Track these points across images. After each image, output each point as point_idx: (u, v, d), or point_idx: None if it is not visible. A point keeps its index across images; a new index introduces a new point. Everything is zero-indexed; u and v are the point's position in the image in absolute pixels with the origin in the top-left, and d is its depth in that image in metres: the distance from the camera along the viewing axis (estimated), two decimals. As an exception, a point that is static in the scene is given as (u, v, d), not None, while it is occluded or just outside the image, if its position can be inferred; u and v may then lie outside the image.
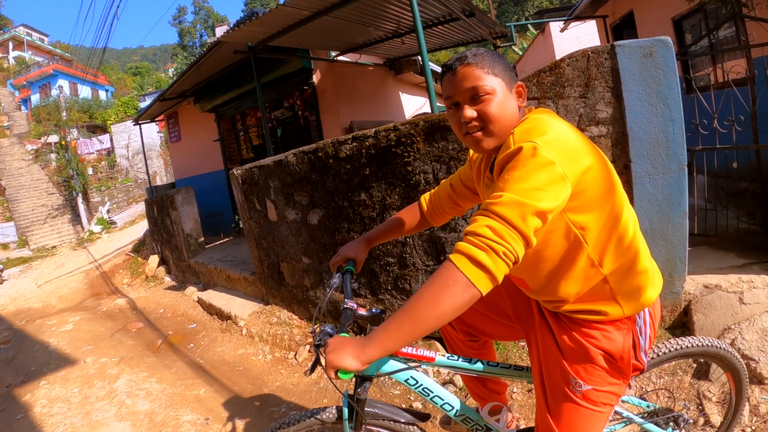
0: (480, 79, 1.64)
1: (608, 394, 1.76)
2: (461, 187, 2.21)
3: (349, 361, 1.46)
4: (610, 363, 1.73)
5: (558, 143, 1.46)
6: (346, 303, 2.00)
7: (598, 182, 1.56)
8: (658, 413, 2.34)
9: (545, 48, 17.97)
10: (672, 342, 2.19)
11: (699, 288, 3.61)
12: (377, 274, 4.61)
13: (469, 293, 1.37)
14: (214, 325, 6.90)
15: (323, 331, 1.76)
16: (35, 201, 26.94)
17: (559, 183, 1.42)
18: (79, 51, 55.97)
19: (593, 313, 1.73)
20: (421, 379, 1.99)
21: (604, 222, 1.62)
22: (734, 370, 2.31)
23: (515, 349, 4.02)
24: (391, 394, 4.12)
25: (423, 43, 5.83)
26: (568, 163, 1.45)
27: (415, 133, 3.98)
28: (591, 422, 1.77)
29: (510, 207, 1.38)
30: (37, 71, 44.45)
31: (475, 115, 1.66)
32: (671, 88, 3.23)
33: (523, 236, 1.39)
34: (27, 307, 11.22)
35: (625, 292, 1.71)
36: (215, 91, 11.97)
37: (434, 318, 1.38)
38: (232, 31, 7.32)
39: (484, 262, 1.35)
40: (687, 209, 3.37)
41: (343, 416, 1.98)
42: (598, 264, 1.66)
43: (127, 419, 4.48)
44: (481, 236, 1.38)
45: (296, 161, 5.11)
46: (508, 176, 1.44)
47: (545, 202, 1.39)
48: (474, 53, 1.67)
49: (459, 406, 2.06)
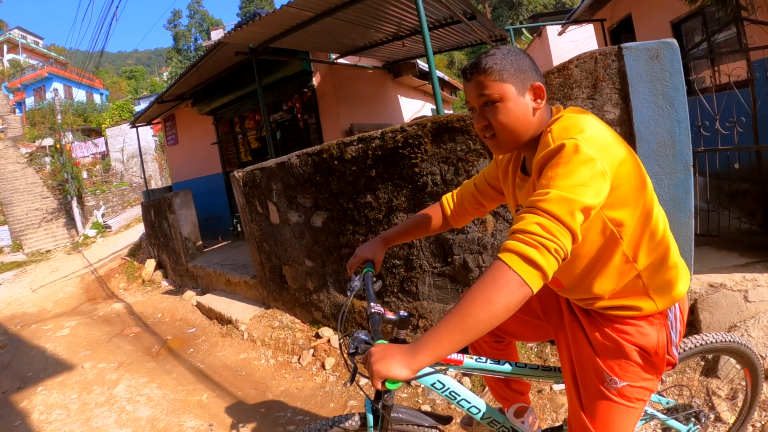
0: (487, 87, 1.66)
1: (642, 390, 1.76)
2: (486, 187, 2.22)
3: (399, 369, 1.40)
4: (645, 358, 1.74)
5: (596, 140, 1.48)
6: (372, 307, 1.93)
7: (632, 178, 1.58)
8: (678, 409, 2.35)
9: (542, 51, 18.04)
10: (697, 337, 2.22)
11: (704, 287, 3.64)
12: (383, 277, 4.60)
13: (522, 292, 1.35)
14: (214, 330, 6.88)
15: (357, 338, 1.74)
16: (29, 205, 26.83)
17: (600, 179, 1.43)
18: (74, 54, 55.92)
19: (626, 308, 1.74)
20: (448, 383, 1.98)
21: (638, 217, 1.62)
22: (752, 365, 2.35)
23: (523, 350, 4.02)
24: (399, 396, 4.12)
25: (429, 45, 5.84)
26: (606, 158, 1.47)
27: (422, 134, 3.98)
28: (626, 418, 1.77)
29: (558, 203, 1.38)
30: (31, 74, 44.36)
31: (485, 123, 1.71)
32: (677, 90, 3.24)
33: (571, 232, 1.39)
34: (22, 312, 11.16)
35: (658, 286, 1.72)
36: (213, 94, 11.97)
37: (487, 319, 1.35)
38: (234, 32, 7.33)
39: (536, 260, 1.35)
40: (692, 209, 3.39)
41: (368, 423, 1.96)
42: (632, 259, 1.67)
43: (128, 426, 4.45)
44: (532, 233, 1.37)
45: (300, 163, 5.11)
46: (552, 173, 1.45)
47: (590, 198, 1.40)
48: (486, 58, 1.68)
49: (485, 408, 2.06)
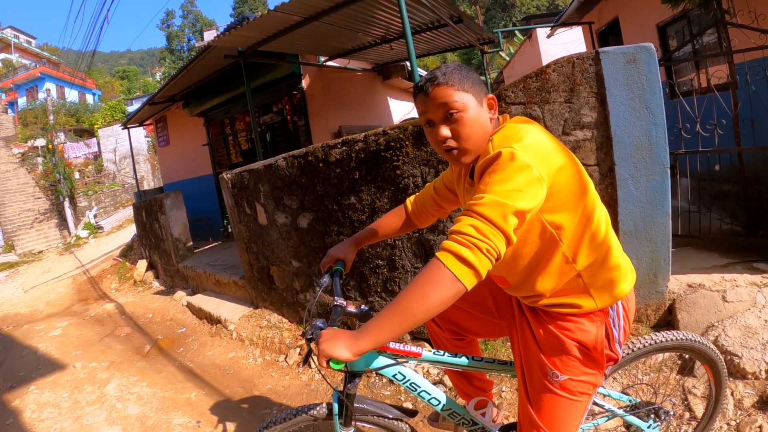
0: (450, 97, 1.72)
1: (584, 384, 1.84)
2: (444, 190, 2.29)
3: (342, 351, 1.52)
4: (584, 353, 1.82)
5: (534, 147, 1.56)
6: (336, 300, 2.06)
7: (571, 183, 1.66)
8: (639, 406, 2.40)
9: (532, 54, 18.02)
10: (647, 337, 2.27)
11: (683, 287, 3.68)
12: (367, 277, 4.64)
13: (455, 288, 1.44)
14: (204, 330, 6.93)
15: (314, 325, 1.80)
16: (21, 205, 26.73)
17: (536, 184, 1.51)
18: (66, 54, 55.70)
19: (568, 306, 1.82)
20: (409, 375, 2.04)
21: (577, 221, 1.71)
22: (711, 361, 2.39)
23: (503, 348, 4.08)
24: (382, 394, 4.16)
25: (412, 49, 5.88)
26: (544, 165, 1.55)
27: (404, 137, 4.03)
28: (570, 411, 1.85)
29: (491, 207, 1.46)
30: (24, 74, 44.10)
31: (449, 134, 1.75)
32: (654, 93, 3.31)
33: (504, 234, 1.46)
34: (14, 313, 11.15)
35: (598, 285, 1.80)
36: (204, 96, 11.96)
37: (422, 311, 1.45)
38: (223, 36, 7.35)
39: (468, 259, 1.43)
40: (670, 210, 3.44)
41: (333, 412, 2.02)
42: (572, 260, 1.75)
43: (118, 423, 4.49)
44: (466, 234, 1.46)
45: (286, 165, 5.15)
46: (489, 179, 1.52)
47: (524, 202, 1.47)
48: (443, 72, 1.75)
49: (445, 400, 2.12)
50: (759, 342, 3.26)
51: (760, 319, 3.38)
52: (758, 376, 3.15)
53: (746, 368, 3.18)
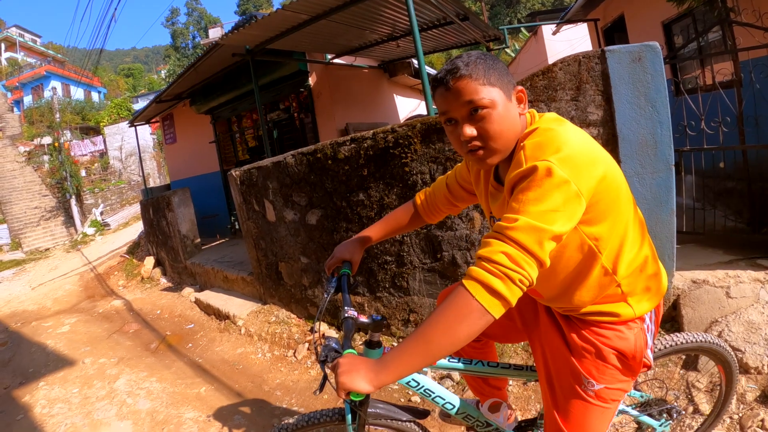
0: (476, 93, 1.52)
1: (618, 391, 1.77)
2: (457, 188, 2.19)
3: (362, 384, 1.43)
4: (623, 361, 1.74)
5: (573, 159, 1.41)
6: (345, 312, 1.94)
7: (612, 191, 1.54)
8: (651, 404, 2.40)
9: (537, 51, 18.03)
10: (669, 338, 2.27)
11: (687, 283, 3.69)
12: (375, 273, 4.69)
13: (483, 320, 1.36)
14: (212, 325, 6.96)
15: (328, 346, 1.77)
16: (28, 203, 26.79)
17: (574, 202, 1.39)
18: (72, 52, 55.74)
19: (605, 314, 1.73)
20: (423, 381, 2.04)
21: (616, 230, 1.60)
22: (726, 363, 2.40)
23: (507, 350, 4.11)
24: (390, 389, 4.19)
25: (419, 47, 5.91)
26: (583, 179, 1.42)
27: (412, 134, 4.08)
28: (600, 418, 1.78)
29: (526, 233, 1.35)
30: (29, 72, 44.18)
31: (475, 134, 1.56)
32: (659, 92, 3.33)
33: (538, 261, 1.37)
34: (22, 310, 11.18)
35: (637, 293, 1.72)
36: (211, 93, 12.00)
37: (448, 345, 1.38)
38: (231, 34, 7.38)
39: (499, 290, 1.34)
40: (674, 207, 3.46)
41: (346, 419, 2.03)
42: (612, 272, 1.65)
43: (128, 418, 4.52)
44: (497, 263, 1.35)
45: (295, 162, 5.19)
46: (523, 197, 1.40)
47: (561, 225, 1.37)
48: (466, 62, 1.54)
49: (459, 404, 2.10)
50: (762, 337, 3.28)
51: (763, 315, 3.40)
52: (761, 371, 3.18)
53: (749, 363, 3.21)
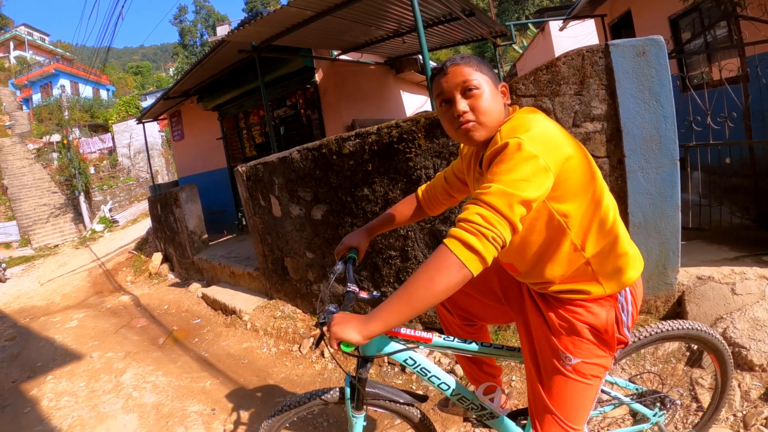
0: (470, 75, 1.77)
1: (596, 366, 1.87)
2: (454, 180, 2.34)
3: (353, 334, 1.59)
4: (596, 335, 1.85)
5: (540, 138, 1.58)
6: (348, 287, 2.12)
7: (579, 173, 1.69)
8: (645, 395, 2.43)
9: (545, 47, 18.00)
10: (654, 325, 2.30)
11: (692, 279, 3.67)
12: (380, 267, 4.69)
13: (461, 273, 1.50)
14: (219, 320, 7.00)
15: (327, 310, 1.85)
16: (37, 200, 26.95)
17: (542, 174, 1.54)
18: (80, 51, 55.93)
19: (577, 292, 1.85)
20: (419, 360, 2.09)
21: (585, 209, 1.74)
22: (717, 351, 2.40)
23: (514, 339, 4.12)
24: (395, 383, 4.21)
25: (424, 43, 5.91)
26: (550, 155, 1.57)
27: (416, 129, 4.07)
28: (581, 394, 1.88)
29: (498, 196, 1.51)
30: (38, 71, 44.35)
31: (467, 108, 1.77)
32: (663, 86, 3.32)
33: (509, 222, 1.51)
34: (30, 305, 11.29)
35: (606, 273, 1.83)
36: (218, 90, 12.05)
37: (430, 296, 1.51)
38: (236, 31, 7.41)
39: (475, 246, 1.48)
40: (679, 203, 3.45)
41: (346, 396, 2.07)
42: (580, 248, 1.78)
43: (134, 411, 4.56)
44: (472, 222, 1.51)
45: (300, 158, 5.20)
46: (497, 169, 1.56)
47: (530, 192, 1.51)
48: (461, 56, 1.81)
49: (455, 385, 2.15)
50: (767, 334, 3.26)
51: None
52: (765, 369, 3.16)
53: (753, 360, 3.19)
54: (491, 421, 2.26)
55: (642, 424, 2.47)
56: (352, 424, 2.10)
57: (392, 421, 3.41)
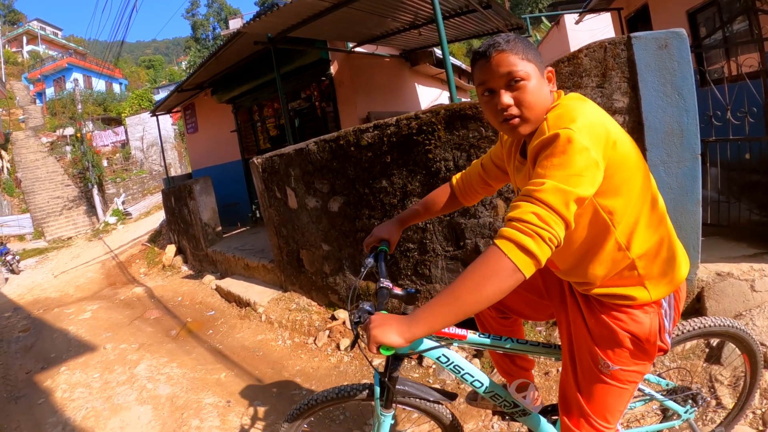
0: (515, 65, 1.63)
1: (634, 373, 1.82)
2: (492, 167, 2.23)
3: (394, 337, 1.49)
4: (637, 345, 1.78)
5: (590, 129, 1.50)
6: (381, 282, 2.02)
7: (626, 167, 1.61)
8: (676, 391, 2.39)
9: (560, 40, 17.90)
10: (695, 321, 2.25)
11: (711, 275, 3.64)
12: (397, 260, 4.68)
13: (514, 278, 1.41)
14: (233, 312, 7.02)
15: (362, 308, 1.78)
16: (51, 193, 27.18)
17: (594, 168, 1.46)
18: (93, 45, 56.18)
19: (622, 297, 1.77)
20: (453, 357, 2.03)
21: (632, 206, 1.66)
22: (751, 351, 2.37)
23: (532, 333, 4.10)
24: (411, 377, 4.19)
25: (443, 34, 5.89)
26: (600, 148, 1.50)
27: (436, 121, 4.05)
28: (618, 398, 1.84)
29: (554, 194, 1.42)
30: (51, 65, 44.68)
31: (512, 102, 1.66)
32: (686, 79, 3.28)
33: (565, 221, 1.43)
34: (44, 297, 11.39)
35: (653, 276, 1.75)
36: (232, 83, 12.08)
37: (478, 301, 1.43)
38: (253, 22, 7.42)
39: (530, 248, 1.39)
40: (700, 197, 3.41)
41: (375, 394, 2.04)
42: (625, 248, 1.70)
43: (148, 402, 4.58)
44: (528, 222, 1.41)
45: (317, 149, 5.19)
46: (548, 163, 1.48)
47: (584, 188, 1.44)
48: (506, 39, 1.66)
49: (488, 383, 2.10)
50: (786, 331, 3.24)
51: (789, 309, 3.36)
52: (785, 366, 3.15)
53: (773, 357, 3.17)
54: (523, 418, 2.21)
55: (673, 420, 2.43)
56: (380, 422, 2.08)
57: (409, 415, 3.40)
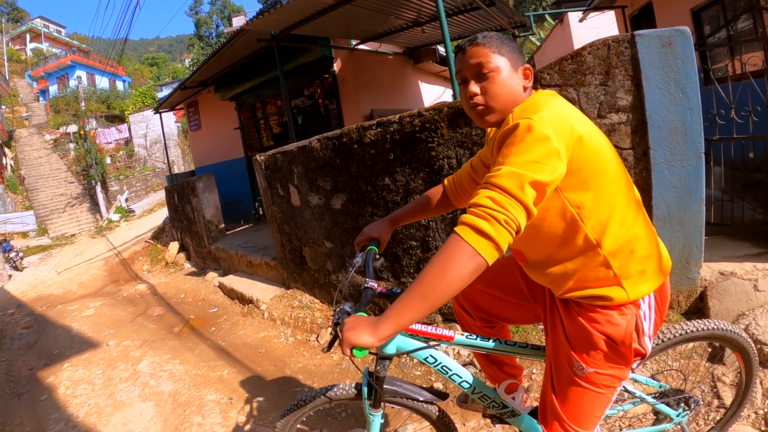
0: (485, 57, 1.72)
1: (610, 377, 1.80)
2: (480, 166, 2.24)
3: (365, 338, 1.51)
4: (612, 347, 1.76)
5: (553, 119, 1.52)
6: (367, 282, 2.06)
7: (596, 161, 1.62)
8: (668, 394, 2.38)
9: (563, 38, 17.85)
10: (678, 326, 2.24)
11: (714, 275, 3.63)
12: (400, 258, 4.68)
13: (475, 262, 1.42)
14: (236, 310, 7.03)
15: (342, 309, 1.80)
16: (54, 190, 27.20)
17: (554, 157, 1.47)
18: (96, 42, 56.26)
19: (599, 298, 1.75)
20: (440, 358, 2.04)
21: (602, 202, 1.66)
22: (743, 350, 2.36)
23: (534, 332, 4.09)
24: (413, 375, 4.20)
25: (446, 32, 5.88)
26: (563, 139, 1.51)
27: (439, 119, 4.05)
28: (593, 403, 1.83)
29: (508, 178, 1.44)
30: (54, 62, 44.77)
31: (478, 91, 1.74)
32: (689, 78, 3.27)
33: (522, 205, 1.44)
34: (48, 294, 11.40)
35: (630, 275, 1.73)
36: (236, 80, 12.09)
37: (444, 289, 1.43)
38: (256, 20, 7.39)
39: (487, 231, 1.40)
40: (704, 196, 3.40)
41: (363, 394, 2.04)
42: (596, 244, 1.69)
43: (151, 399, 4.59)
44: (483, 206, 1.44)
45: (320, 147, 5.19)
46: (507, 151, 1.51)
47: (542, 174, 1.44)
48: (483, 35, 1.76)
49: (476, 383, 2.10)
50: (789, 331, 3.23)
51: (792, 309, 3.35)
52: (788, 366, 3.14)
53: (776, 357, 3.17)
54: (512, 419, 2.21)
55: (664, 423, 2.42)
56: (370, 422, 2.07)
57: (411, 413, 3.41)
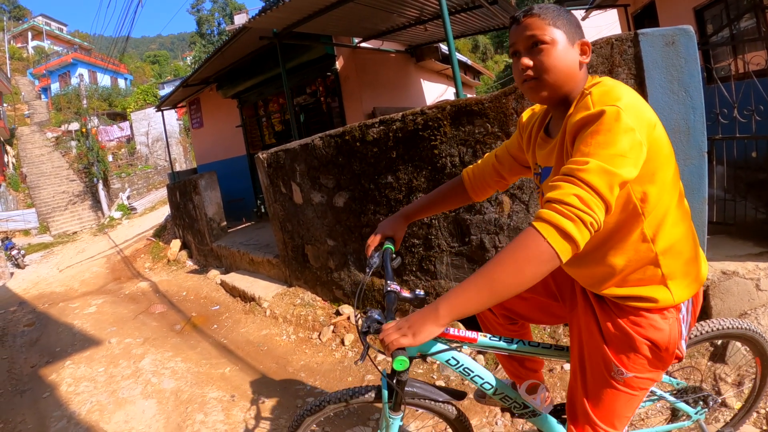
0: (540, 29, 1.61)
1: (647, 380, 1.73)
2: (508, 158, 2.15)
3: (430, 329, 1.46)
4: (655, 353, 1.68)
5: (634, 109, 1.42)
6: (388, 285, 1.94)
7: (661, 153, 1.53)
8: (687, 391, 2.33)
9: (565, 38, 17.89)
10: (713, 322, 2.20)
11: (717, 274, 3.61)
12: (402, 256, 4.61)
13: (552, 264, 1.35)
14: (238, 307, 7.02)
15: (370, 317, 1.72)
16: (56, 188, 27.25)
17: (639, 149, 1.38)
18: (98, 40, 56.27)
19: (642, 299, 1.66)
20: (463, 360, 1.97)
21: (664, 196, 1.57)
22: (764, 354, 2.33)
23: (536, 330, 4.09)
24: (414, 373, 4.20)
25: (449, 30, 5.89)
26: (643, 129, 1.42)
27: (441, 117, 4.04)
28: (627, 405, 1.77)
29: (599, 175, 1.34)
30: (56, 60, 44.80)
31: (531, 64, 1.62)
32: (693, 77, 3.25)
33: (606, 205, 1.36)
34: (49, 291, 11.41)
35: (676, 276, 1.65)
36: (238, 78, 12.09)
37: (514, 286, 1.37)
38: (258, 17, 7.40)
39: (572, 234, 1.32)
40: (706, 195, 3.39)
41: (383, 397, 1.98)
42: (650, 239, 1.60)
43: (153, 397, 4.59)
44: (569, 205, 1.34)
45: (323, 145, 5.20)
46: (592, 140, 1.39)
47: (629, 170, 1.36)
48: (540, 7, 1.65)
49: (499, 385, 2.05)
50: (791, 331, 3.23)
51: (795, 308, 3.35)
52: (789, 366, 3.13)
53: (777, 357, 3.16)
54: (533, 419, 2.16)
55: (682, 421, 2.39)
56: (389, 425, 2.02)
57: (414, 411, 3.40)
